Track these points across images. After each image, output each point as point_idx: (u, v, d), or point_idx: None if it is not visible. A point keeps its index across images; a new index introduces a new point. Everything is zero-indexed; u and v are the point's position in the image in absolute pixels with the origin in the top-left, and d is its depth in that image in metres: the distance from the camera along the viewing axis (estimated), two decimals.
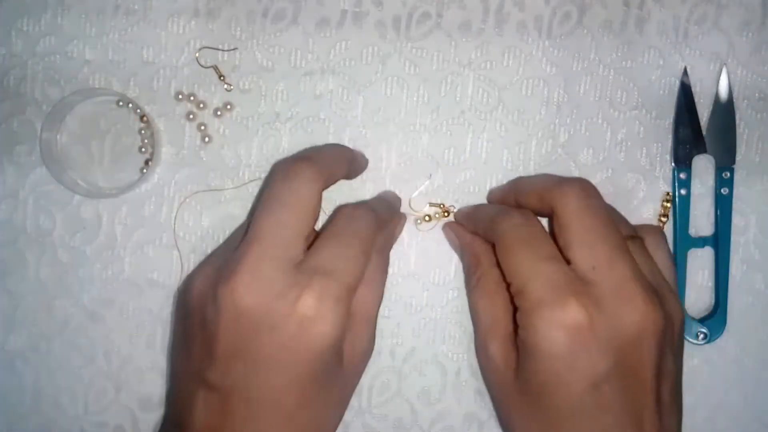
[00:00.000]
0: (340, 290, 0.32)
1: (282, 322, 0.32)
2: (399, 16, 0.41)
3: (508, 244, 0.34)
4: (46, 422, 0.42)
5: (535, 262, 0.33)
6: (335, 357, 0.33)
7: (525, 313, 0.32)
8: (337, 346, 0.33)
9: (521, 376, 0.34)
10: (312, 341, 0.32)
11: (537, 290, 0.32)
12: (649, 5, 0.41)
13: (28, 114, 0.42)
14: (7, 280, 0.42)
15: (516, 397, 0.34)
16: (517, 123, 0.41)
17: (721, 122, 0.41)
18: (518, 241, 0.34)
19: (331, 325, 0.32)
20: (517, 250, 0.34)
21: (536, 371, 0.33)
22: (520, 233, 0.35)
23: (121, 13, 0.41)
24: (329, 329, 0.32)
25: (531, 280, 0.32)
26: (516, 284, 0.33)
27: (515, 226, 0.35)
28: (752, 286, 0.41)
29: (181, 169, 0.42)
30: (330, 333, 0.32)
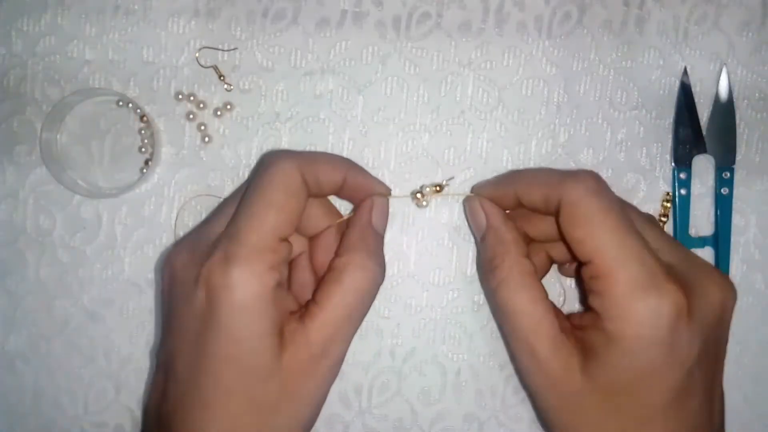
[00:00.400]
0: (246, 253, 0.31)
1: (192, 292, 0.32)
2: (399, 16, 0.41)
3: (585, 214, 0.31)
4: (46, 422, 0.42)
5: (624, 239, 0.30)
6: (257, 337, 0.31)
7: (614, 299, 0.30)
8: (254, 322, 0.31)
9: (595, 376, 0.31)
10: (217, 310, 0.31)
11: (632, 273, 0.30)
12: (649, 5, 0.41)
13: (28, 114, 0.42)
14: (7, 280, 0.42)
15: (586, 399, 0.32)
16: (517, 123, 0.41)
17: (721, 122, 0.41)
18: (601, 212, 0.31)
19: (232, 291, 0.30)
20: (600, 223, 0.31)
21: (625, 366, 0.31)
22: (602, 202, 0.31)
23: (121, 13, 0.41)
24: (230, 295, 0.30)
25: (624, 262, 0.30)
26: (600, 265, 0.30)
27: (593, 192, 0.32)
28: (752, 286, 0.41)
29: (181, 169, 0.42)
30: (236, 300, 0.30)
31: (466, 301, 0.41)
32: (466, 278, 0.41)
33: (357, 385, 0.42)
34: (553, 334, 0.32)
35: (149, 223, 0.42)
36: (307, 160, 0.34)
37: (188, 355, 0.32)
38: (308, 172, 0.34)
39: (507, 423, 0.41)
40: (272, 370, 0.32)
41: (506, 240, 0.35)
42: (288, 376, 0.32)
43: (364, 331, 0.41)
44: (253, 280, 0.31)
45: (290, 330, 0.32)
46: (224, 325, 0.31)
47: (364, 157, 0.41)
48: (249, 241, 0.31)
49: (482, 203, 0.37)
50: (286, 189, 0.33)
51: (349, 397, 0.42)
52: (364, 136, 0.41)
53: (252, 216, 0.32)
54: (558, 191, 0.32)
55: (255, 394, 0.32)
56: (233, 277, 0.31)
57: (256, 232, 0.32)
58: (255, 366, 0.32)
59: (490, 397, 0.41)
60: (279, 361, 0.32)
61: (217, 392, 0.32)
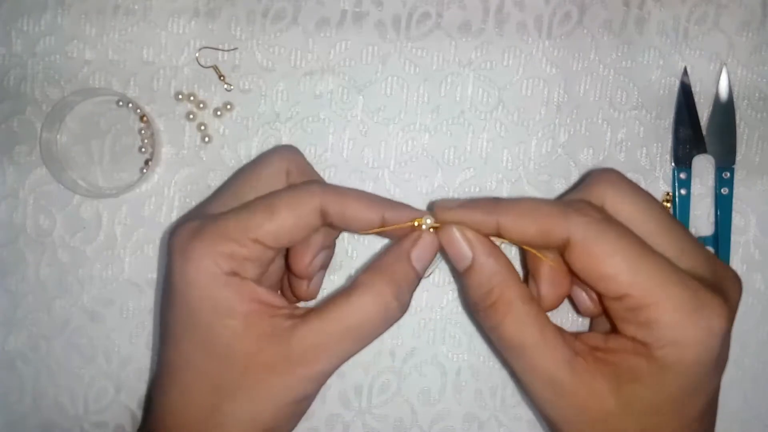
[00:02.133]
0: (211, 233, 0.31)
1: (170, 269, 0.32)
2: (399, 16, 0.41)
3: (605, 250, 0.30)
4: (46, 422, 0.42)
5: (654, 265, 0.30)
6: (213, 315, 0.31)
7: (664, 328, 0.29)
8: (206, 298, 0.31)
9: (633, 399, 0.30)
10: (172, 276, 0.31)
11: (677, 297, 0.29)
12: (649, 5, 0.41)
13: (28, 114, 0.42)
14: (7, 280, 0.42)
15: (621, 422, 0.31)
16: (517, 123, 0.41)
17: (721, 122, 0.41)
18: (619, 243, 0.30)
19: (185, 261, 0.31)
20: (624, 254, 0.30)
21: (672, 387, 0.30)
22: (616, 231, 0.30)
23: (121, 13, 0.41)
24: (182, 264, 0.31)
25: (664, 288, 0.29)
26: (639, 297, 0.29)
27: (604, 223, 0.30)
28: (752, 286, 0.41)
29: (181, 169, 0.42)
30: (186, 270, 0.31)
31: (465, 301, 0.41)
32: None
33: (357, 385, 0.42)
34: (569, 360, 0.31)
35: (149, 223, 0.42)
36: (336, 195, 0.33)
37: (161, 320, 0.33)
38: (333, 206, 0.32)
39: (507, 423, 0.41)
40: (232, 352, 0.31)
41: (501, 270, 0.32)
42: (252, 366, 0.31)
43: None
44: (207, 259, 0.31)
45: (272, 323, 0.31)
46: (179, 293, 0.31)
47: (364, 157, 0.41)
48: (223, 226, 0.32)
49: (463, 232, 0.32)
50: (293, 206, 0.32)
51: (349, 397, 0.42)
52: (364, 136, 0.41)
53: (243, 209, 0.32)
54: (563, 227, 0.31)
55: (213, 372, 0.31)
56: (191, 248, 0.31)
57: (235, 222, 0.32)
58: (213, 344, 0.31)
59: (490, 397, 0.41)
60: (241, 343, 0.31)
61: (178, 362, 0.32)
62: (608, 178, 0.33)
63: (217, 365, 0.31)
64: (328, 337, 0.31)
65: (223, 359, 0.31)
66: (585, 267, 0.31)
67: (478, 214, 0.32)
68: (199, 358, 0.32)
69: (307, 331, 0.31)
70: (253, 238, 0.31)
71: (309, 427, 0.42)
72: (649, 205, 0.32)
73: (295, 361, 0.31)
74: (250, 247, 0.31)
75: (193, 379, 0.32)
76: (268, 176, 0.35)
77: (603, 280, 0.30)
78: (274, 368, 0.31)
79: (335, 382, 0.41)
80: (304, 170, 0.36)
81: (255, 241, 0.32)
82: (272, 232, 0.32)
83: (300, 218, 0.32)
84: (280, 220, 0.32)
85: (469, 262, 0.32)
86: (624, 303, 0.30)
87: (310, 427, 0.42)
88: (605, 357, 0.31)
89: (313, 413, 0.42)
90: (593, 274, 0.31)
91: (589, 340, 0.32)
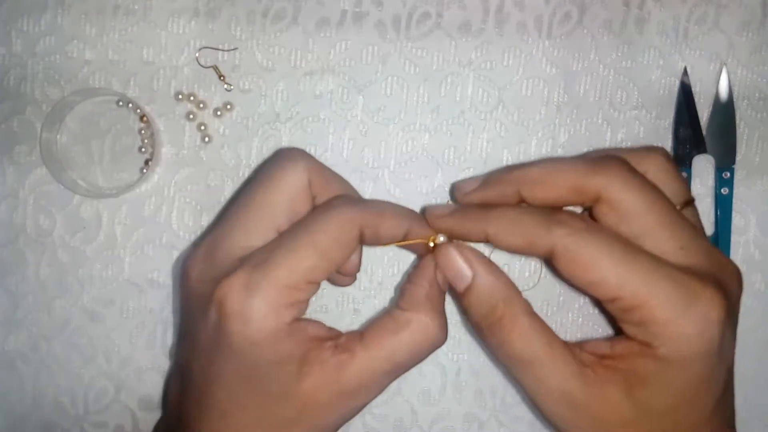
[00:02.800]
0: (269, 287, 0.30)
1: (207, 308, 0.31)
2: (399, 16, 0.41)
3: (590, 258, 0.30)
4: (46, 422, 0.42)
5: (640, 265, 0.30)
6: (271, 365, 0.31)
7: (659, 325, 0.29)
8: (268, 354, 0.30)
9: (648, 401, 0.30)
10: (229, 336, 0.30)
11: (667, 293, 0.29)
12: (649, 5, 0.41)
13: (28, 114, 0.42)
14: (7, 280, 0.42)
15: (639, 426, 0.31)
16: (517, 123, 0.41)
17: (721, 122, 0.41)
18: (605, 248, 0.30)
19: (246, 322, 0.29)
20: (610, 260, 0.30)
21: (682, 383, 0.30)
22: (600, 238, 0.30)
23: (121, 13, 0.41)
24: (243, 326, 0.29)
25: (654, 286, 0.29)
26: (630, 299, 0.30)
27: (587, 233, 0.31)
28: (752, 286, 0.41)
29: (181, 169, 0.42)
30: (249, 333, 0.29)
31: None
32: None
33: None
34: (579, 372, 0.31)
35: (149, 223, 0.42)
36: (373, 215, 0.32)
37: (202, 366, 0.32)
38: (370, 226, 0.32)
39: (507, 423, 0.41)
40: (289, 394, 0.31)
41: (503, 287, 0.32)
42: (308, 403, 0.31)
43: None
44: (271, 315, 0.30)
45: (320, 359, 0.31)
46: (236, 351, 0.30)
47: (364, 157, 0.41)
48: (277, 276, 0.30)
49: (461, 251, 0.32)
50: (338, 239, 0.31)
51: None
52: (364, 136, 0.41)
53: (290, 251, 0.31)
54: (546, 241, 0.31)
55: (270, 412, 0.31)
56: (251, 308, 0.30)
57: (288, 270, 0.30)
58: (270, 389, 0.31)
59: (490, 397, 0.41)
60: (298, 385, 0.31)
61: (231, 405, 0.31)
62: (611, 170, 0.32)
63: (274, 407, 0.31)
64: (379, 374, 0.32)
65: (280, 401, 0.31)
66: (573, 275, 0.31)
67: (468, 223, 0.33)
68: (257, 402, 0.31)
69: (357, 369, 0.31)
70: (308, 281, 0.31)
71: None
72: (651, 197, 0.32)
73: (345, 397, 0.32)
74: (306, 290, 0.31)
75: (252, 421, 0.32)
76: (291, 194, 0.33)
77: (592, 286, 0.31)
78: (328, 405, 0.31)
79: None
80: (324, 176, 0.35)
81: (309, 282, 0.31)
82: (324, 269, 0.31)
83: (345, 248, 0.32)
84: (328, 256, 0.31)
85: (468, 282, 0.32)
86: (617, 305, 0.31)
87: None
88: (613, 364, 0.31)
89: None
90: (581, 281, 0.31)
91: (595, 349, 0.32)
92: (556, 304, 0.41)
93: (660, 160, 0.34)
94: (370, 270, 0.41)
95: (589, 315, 0.41)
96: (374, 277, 0.41)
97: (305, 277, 0.31)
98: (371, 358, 0.31)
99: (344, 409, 0.32)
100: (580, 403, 0.31)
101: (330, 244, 0.31)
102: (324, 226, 0.32)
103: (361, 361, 0.31)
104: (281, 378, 0.31)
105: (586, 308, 0.41)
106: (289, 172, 0.33)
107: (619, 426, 0.31)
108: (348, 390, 0.31)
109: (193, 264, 0.33)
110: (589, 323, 0.41)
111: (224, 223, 0.33)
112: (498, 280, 0.32)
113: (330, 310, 0.41)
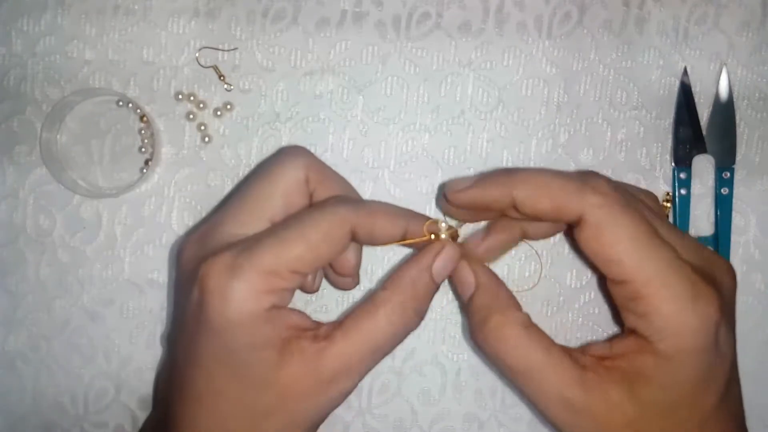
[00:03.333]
0: (251, 269, 0.30)
1: (191, 286, 0.31)
2: (399, 16, 0.41)
3: (615, 233, 0.30)
4: (46, 422, 0.42)
5: (659, 254, 0.30)
6: (249, 350, 0.31)
7: (664, 317, 0.30)
8: (245, 336, 0.30)
9: (649, 400, 0.30)
10: (207, 314, 0.30)
11: (676, 287, 0.30)
12: (649, 5, 0.41)
13: (28, 114, 0.42)
14: (7, 280, 0.42)
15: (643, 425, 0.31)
16: (517, 123, 0.41)
17: (721, 122, 0.41)
18: (631, 228, 0.30)
19: (225, 301, 0.30)
20: (633, 240, 0.30)
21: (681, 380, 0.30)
22: (629, 216, 0.31)
23: (121, 13, 0.41)
24: (222, 305, 0.30)
25: (666, 278, 0.30)
26: (639, 285, 0.30)
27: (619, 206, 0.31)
28: (752, 286, 0.41)
29: (181, 169, 0.42)
30: (226, 313, 0.30)
31: None
32: None
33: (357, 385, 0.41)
34: (579, 377, 0.31)
35: (149, 223, 0.42)
36: (366, 214, 0.33)
37: (185, 348, 0.32)
38: (363, 225, 0.32)
39: (507, 423, 0.41)
40: (268, 381, 0.31)
41: (501, 295, 0.33)
42: (287, 392, 0.31)
43: None
44: (250, 298, 0.30)
45: (299, 347, 0.31)
46: (215, 330, 0.30)
47: (364, 157, 0.41)
48: (261, 261, 0.30)
49: (467, 260, 0.34)
50: (328, 234, 0.32)
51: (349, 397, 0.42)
52: (364, 136, 0.41)
53: (279, 239, 0.31)
54: (578, 205, 0.31)
55: (248, 400, 0.31)
56: (231, 288, 0.30)
57: (273, 257, 0.31)
58: (249, 375, 0.31)
59: (490, 397, 0.41)
60: (277, 373, 0.31)
61: (209, 390, 0.32)
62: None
63: (253, 393, 0.31)
64: (357, 359, 0.32)
65: (258, 388, 0.31)
66: (593, 248, 0.31)
67: (493, 189, 0.32)
68: (234, 387, 0.31)
69: (336, 354, 0.31)
70: (292, 270, 0.31)
71: None
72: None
73: (325, 384, 0.31)
74: (289, 279, 0.31)
75: (229, 407, 0.32)
76: (287, 188, 0.34)
77: (608, 264, 0.31)
78: (307, 393, 0.31)
79: None
80: (322, 174, 0.35)
81: (293, 272, 0.31)
82: (309, 262, 0.32)
83: (334, 245, 0.32)
84: (316, 249, 0.32)
85: (473, 289, 0.33)
86: (625, 289, 0.31)
87: None
88: (614, 364, 0.31)
89: None
90: (600, 256, 0.31)
91: (594, 351, 0.32)
92: (556, 304, 0.41)
93: None
94: (370, 270, 0.41)
95: (589, 315, 0.41)
96: (374, 277, 0.41)
97: (289, 265, 0.31)
98: (349, 342, 0.32)
99: (324, 397, 0.32)
100: (581, 408, 0.31)
101: (319, 238, 0.31)
102: (315, 221, 0.32)
103: (339, 347, 0.31)
104: (260, 365, 0.31)
105: (587, 308, 0.41)
106: (286, 166, 0.34)
107: (623, 426, 0.31)
108: (327, 377, 0.31)
109: (186, 246, 0.33)
110: (589, 323, 0.41)
111: (220, 212, 0.34)
112: (499, 288, 0.33)
113: (330, 310, 0.41)
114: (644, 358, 0.31)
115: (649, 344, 0.30)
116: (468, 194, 0.33)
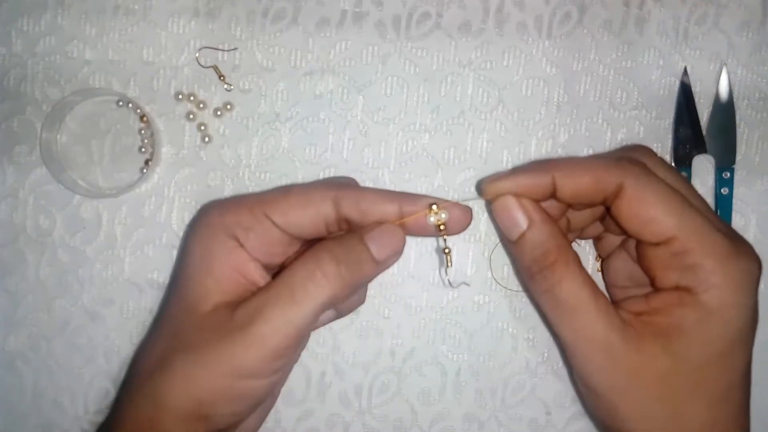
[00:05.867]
0: (232, 203, 0.33)
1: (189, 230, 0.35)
2: (399, 16, 0.41)
3: (655, 193, 0.31)
4: (46, 422, 0.42)
5: (698, 211, 0.32)
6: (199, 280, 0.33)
7: (709, 269, 0.31)
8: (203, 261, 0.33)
9: (685, 354, 0.31)
10: (189, 238, 0.34)
11: (719, 241, 0.31)
12: (649, 5, 0.41)
13: (28, 114, 0.42)
14: (7, 280, 0.42)
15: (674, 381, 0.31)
16: (517, 123, 0.41)
17: (721, 122, 0.41)
18: (672, 197, 0.32)
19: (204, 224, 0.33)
20: (673, 199, 0.31)
21: (719, 336, 0.31)
22: (664, 185, 0.32)
23: (121, 13, 0.41)
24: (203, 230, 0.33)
25: (708, 232, 0.31)
26: (685, 240, 0.31)
27: (658, 168, 0.33)
28: None
29: (181, 169, 0.42)
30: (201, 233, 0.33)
31: (466, 301, 0.41)
32: (466, 278, 0.41)
33: (357, 385, 0.42)
34: (620, 326, 0.31)
35: (149, 223, 0.42)
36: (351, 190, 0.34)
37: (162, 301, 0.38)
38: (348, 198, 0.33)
39: (507, 423, 0.41)
40: (195, 308, 0.33)
41: (558, 235, 0.33)
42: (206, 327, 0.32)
43: (364, 331, 0.41)
44: (217, 220, 0.33)
45: (238, 295, 0.33)
46: (185, 247, 0.34)
47: (364, 157, 0.41)
48: (242, 198, 0.34)
49: (519, 200, 0.33)
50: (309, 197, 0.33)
51: (349, 397, 0.42)
52: (364, 136, 0.41)
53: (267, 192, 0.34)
54: (617, 176, 0.32)
55: (175, 321, 0.33)
56: (210, 212, 0.34)
57: (254, 197, 0.34)
58: (185, 293, 0.33)
59: (490, 397, 0.41)
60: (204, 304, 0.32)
61: (160, 310, 0.35)
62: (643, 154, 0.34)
63: (182, 317, 0.33)
64: (266, 302, 0.31)
65: (188, 313, 0.33)
66: (635, 211, 0.32)
67: (533, 175, 0.33)
68: (173, 306, 0.34)
69: (251, 298, 0.32)
70: (265, 211, 0.33)
71: (309, 427, 0.42)
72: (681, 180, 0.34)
73: (234, 327, 0.31)
74: (261, 221, 0.33)
75: (161, 324, 0.34)
76: None
77: (651, 224, 0.32)
78: (217, 331, 0.31)
79: (335, 382, 0.42)
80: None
81: (266, 216, 0.33)
82: (283, 210, 0.33)
83: (311, 202, 0.33)
84: (292, 199, 0.33)
85: (523, 229, 0.33)
86: (669, 247, 0.32)
87: (310, 427, 0.42)
88: (651, 319, 0.32)
89: (312, 413, 0.42)
90: (642, 217, 0.32)
91: (631, 306, 0.33)
92: None
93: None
94: None
95: None
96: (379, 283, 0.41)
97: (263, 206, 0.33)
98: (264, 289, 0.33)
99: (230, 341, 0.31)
100: (619, 354, 0.31)
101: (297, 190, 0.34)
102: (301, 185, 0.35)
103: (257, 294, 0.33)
104: (197, 287, 0.33)
105: None
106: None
107: (655, 380, 0.31)
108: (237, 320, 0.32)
109: (216, 204, 0.35)
110: None
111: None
112: (553, 228, 0.33)
113: None
114: (684, 312, 0.31)
115: (692, 297, 0.31)
116: (507, 182, 0.33)
